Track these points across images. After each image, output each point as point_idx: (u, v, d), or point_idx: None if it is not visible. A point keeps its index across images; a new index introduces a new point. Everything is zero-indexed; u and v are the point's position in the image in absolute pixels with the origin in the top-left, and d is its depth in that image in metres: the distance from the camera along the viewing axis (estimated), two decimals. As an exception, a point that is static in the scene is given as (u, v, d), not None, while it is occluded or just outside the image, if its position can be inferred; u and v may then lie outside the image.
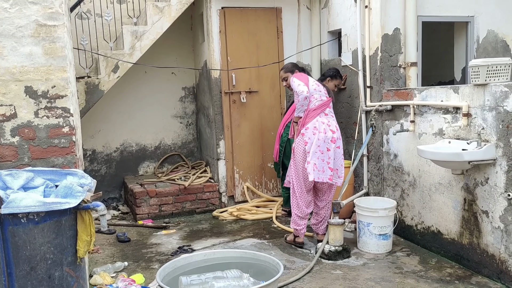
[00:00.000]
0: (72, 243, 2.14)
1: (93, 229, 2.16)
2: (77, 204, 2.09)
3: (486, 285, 3.36)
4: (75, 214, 2.15)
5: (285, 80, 4.59)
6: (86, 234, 2.11)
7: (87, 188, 2.20)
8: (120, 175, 6.21)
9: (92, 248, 2.25)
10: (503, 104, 3.28)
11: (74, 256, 2.15)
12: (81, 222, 2.12)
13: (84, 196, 2.12)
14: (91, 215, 2.15)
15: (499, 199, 3.35)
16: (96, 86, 5.20)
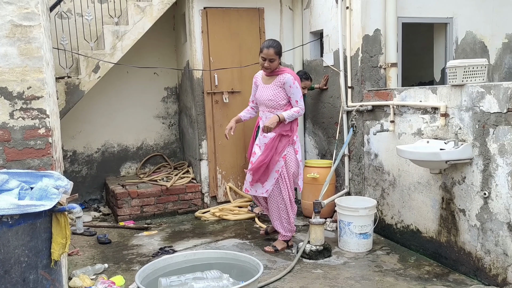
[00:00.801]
0: (47, 246, 2.11)
1: (68, 231, 2.14)
2: (52, 207, 2.06)
3: (463, 282, 3.42)
4: (51, 216, 2.12)
5: (271, 61, 4.02)
6: (62, 236, 2.09)
7: (62, 190, 2.18)
8: (102, 176, 6.16)
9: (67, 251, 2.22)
10: (479, 105, 3.34)
11: (49, 259, 2.13)
12: (57, 224, 2.09)
13: (59, 198, 2.10)
14: (66, 218, 2.13)
15: (476, 198, 3.40)
16: (76, 87, 5.14)
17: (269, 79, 4.15)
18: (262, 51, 4.04)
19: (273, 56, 4.00)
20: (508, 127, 3.12)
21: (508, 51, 5.31)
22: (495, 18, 5.20)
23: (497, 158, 3.22)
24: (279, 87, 4.10)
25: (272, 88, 4.11)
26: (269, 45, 4.01)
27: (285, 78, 4.05)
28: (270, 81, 4.14)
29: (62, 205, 2.10)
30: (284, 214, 4.21)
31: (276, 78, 4.10)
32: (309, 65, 5.74)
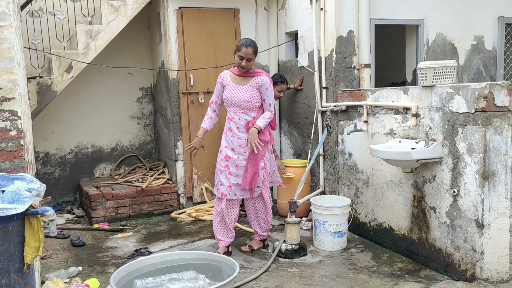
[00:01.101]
0: (20, 250, 2.08)
1: (41, 235, 2.11)
2: (25, 210, 2.04)
3: (434, 278, 3.51)
4: (23, 219, 2.09)
5: (248, 60, 3.93)
6: (35, 240, 2.06)
7: (35, 193, 2.15)
8: (75, 178, 6.07)
9: (41, 254, 2.19)
10: (448, 105, 3.44)
11: (21, 263, 2.10)
12: (29, 228, 2.07)
13: (32, 201, 2.07)
14: (39, 221, 2.11)
15: (445, 196, 3.50)
16: (48, 87, 5.06)
17: (243, 79, 4.02)
18: (240, 50, 3.90)
19: (251, 55, 3.91)
20: (476, 127, 3.22)
21: (477, 52, 5.47)
22: (464, 21, 5.35)
23: (465, 157, 3.32)
24: (255, 89, 3.99)
25: (248, 89, 3.99)
26: (248, 43, 3.91)
27: (263, 80, 3.98)
28: (245, 82, 4.01)
29: (34, 208, 2.07)
30: (263, 213, 4.20)
31: (253, 79, 3.99)
32: (284, 66, 5.79)
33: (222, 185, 4.05)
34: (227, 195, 4.04)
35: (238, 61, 3.94)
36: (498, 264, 3.27)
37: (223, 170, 4.06)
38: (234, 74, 4.08)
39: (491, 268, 3.26)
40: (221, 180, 4.07)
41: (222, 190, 4.06)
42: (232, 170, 4.03)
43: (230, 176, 4.03)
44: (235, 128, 4.03)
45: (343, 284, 3.47)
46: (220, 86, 4.14)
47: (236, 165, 4.02)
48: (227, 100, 4.07)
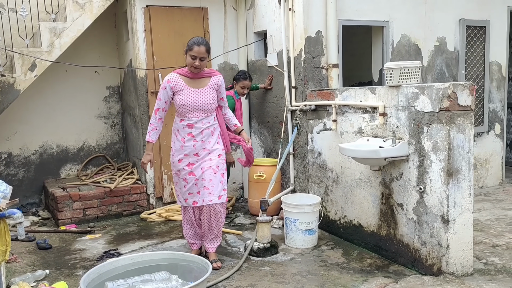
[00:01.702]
0: (-14, 254, 2.02)
1: (8, 238, 2.05)
2: (-9, 213, 1.97)
3: (402, 273, 3.61)
4: (-11, 223, 2.03)
5: (201, 60, 3.68)
6: (1, 243, 2.00)
7: (2, 195, 2.09)
8: (40, 179, 5.90)
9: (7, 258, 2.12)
10: (414, 104, 3.53)
11: (-12, 268, 2.03)
12: (-4, 231, 2.00)
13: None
14: (6, 224, 2.04)
15: (412, 193, 3.60)
16: (11, 86, 4.90)
17: (201, 81, 3.75)
18: (192, 49, 3.62)
19: (204, 54, 3.65)
20: (441, 126, 3.33)
21: (440, 53, 5.64)
22: (427, 22, 5.51)
23: (431, 155, 3.42)
24: (214, 90, 3.81)
25: (209, 91, 3.76)
26: (200, 42, 3.64)
27: (220, 79, 3.84)
28: (204, 83, 3.76)
29: (1, 211, 2.01)
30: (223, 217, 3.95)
31: (211, 80, 3.79)
32: (253, 65, 5.81)
33: (191, 194, 3.79)
34: (198, 202, 3.78)
35: (190, 61, 3.65)
36: (463, 258, 3.39)
37: (188, 178, 3.78)
38: (187, 76, 3.74)
39: (456, 262, 3.37)
40: (188, 189, 3.79)
41: (193, 198, 3.79)
42: (198, 175, 3.75)
43: (197, 182, 3.76)
44: (198, 133, 3.74)
45: (314, 281, 3.52)
46: (169, 91, 3.73)
47: (202, 167, 3.76)
48: (186, 106, 3.70)
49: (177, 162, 3.82)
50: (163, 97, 3.77)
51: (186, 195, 3.84)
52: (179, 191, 3.92)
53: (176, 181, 3.92)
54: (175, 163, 3.84)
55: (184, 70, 3.77)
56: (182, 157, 3.80)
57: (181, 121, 3.78)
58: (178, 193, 3.95)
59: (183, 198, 3.89)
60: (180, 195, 3.92)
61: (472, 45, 5.83)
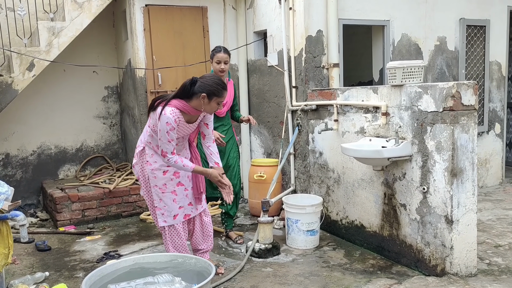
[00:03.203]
0: (-12, 257, 1.98)
1: (11, 240, 2.01)
2: (-7, 215, 1.93)
3: (405, 274, 3.58)
4: (-9, 225, 1.99)
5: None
6: (4, 246, 1.96)
7: (4, 197, 2.05)
8: (38, 180, 5.85)
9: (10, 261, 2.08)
10: (417, 104, 3.51)
11: (-10, 271, 1.99)
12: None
13: (1, 206, 1.97)
14: (9, 226, 2.00)
15: (415, 193, 3.58)
16: (9, 85, 4.85)
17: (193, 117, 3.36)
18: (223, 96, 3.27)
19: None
20: (444, 125, 3.31)
21: (440, 52, 5.63)
22: (428, 22, 5.49)
23: (434, 155, 3.40)
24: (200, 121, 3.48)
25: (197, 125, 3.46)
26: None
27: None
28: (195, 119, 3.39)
29: (3, 213, 1.97)
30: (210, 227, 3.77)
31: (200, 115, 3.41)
32: (253, 65, 5.78)
33: (181, 207, 3.48)
34: (191, 213, 3.55)
35: (215, 108, 3.30)
36: (467, 258, 3.38)
37: (177, 189, 3.46)
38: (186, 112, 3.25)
39: (460, 263, 3.35)
40: (179, 203, 3.47)
41: (184, 212, 3.50)
42: (187, 185, 3.50)
43: (188, 192, 3.51)
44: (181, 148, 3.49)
45: (317, 282, 3.49)
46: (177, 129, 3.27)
47: (188, 175, 3.50)
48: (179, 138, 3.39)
49: (161, 175, 3.41)
50: (174, 136, 3.25)
51: (176, 210, 3.47)
52: (165, 209, 3.45)
53: (160, 198, 3.43)
54: (159, 176, 3.41)
55: (186, 107, 3.23)
56: (167, 168, 3.41)
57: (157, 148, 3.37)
58: (163, 211, 3.45)
59: (171, 216, 3.46)
60: (166, 214, 3.45)
61: (472, 44, 5.82)
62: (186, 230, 3.59)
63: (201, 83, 3.21)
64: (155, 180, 3.42)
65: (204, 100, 3.21)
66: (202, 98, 3.19)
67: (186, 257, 3.19)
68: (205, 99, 3.20)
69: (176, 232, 3.53)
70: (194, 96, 3.21)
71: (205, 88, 3.19)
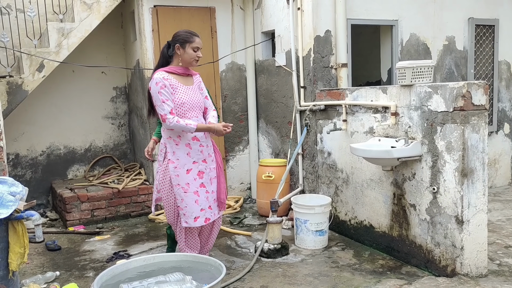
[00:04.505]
0: (4, 256, 2.00)
1: (26, 240, 2.03)
2: (9, 215, 1.95)
3: (415, 274, 3.58)
4: (7, 225, 2.01)
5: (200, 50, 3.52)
6: (19, 245, 1.98)
7: (19, 197, 2.07)
8: (47, 180, 5.89)
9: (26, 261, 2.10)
10: (427, 104, 3.50)
11: (6, 270, 2.01)
12: (14, 233, 1.98)
13: (16, 206, 1.99)
14: (24, 226, 2.02)
15: (425, 193, 3.57)
16: (19, 86, 4.89)
17: (188, 79, 3.43)
18: (194, 40, 3.34)
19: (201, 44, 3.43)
20: (455, 125, 3.30)
21: (448, 52, 5.61)
22: (436, 22, 5.48)
23: (444, 155, 3.39)
24: (198, 87, 3.51)
25: (197, 89, 3.47)
26: (195, 33, 3.43)
27: (199, 78, 3.56)
28: (191, 82, 3.44)
29: (19, 213, 1.99)
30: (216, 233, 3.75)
31: (194, 78, 3.50)
32: (261, 65, 5.78)
33: (203, 210, 3.40)
34: (211, 217, 3.47)
35: (193, 54, 3.35)
36: (477, 259, 3.36)
37: (199, 190, 3.39)
38: (177, 73, 3.35)
39: (470, 263, 3.34)
40: (201, 205, 3.40)
41: (205, 215, 3.42)
42: (208, 188, 3.45)
43: (208, 195, 3.44)
44: (202, 135, 3.42)
45: (327, 283, 3.49)
46: (169, 89, 3.28)
47: (210, 178, 3.48)
48: (186, 104, 3.33)
49: (185, 174, 3.35)
50: (168, 96, 3.25)
51: (198, 212, 3.38)
52: (186, 210, 3.37)
53: (182, 198, 3.35)
54: (183, 175, 3.34)
55: (171, 68, 3.34)
56: (190, 167, 3.37)
57: None
58: (185, 212, 3.37)
59: (192, 218, 3.38)
60: (187, 215, 3.38)
61: (481, 44, 5.80)
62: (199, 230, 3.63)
63: (172, 39, 3.41)
64: (178, 179, 3.36)
65: (180, 51, 3.34)
66: (177, 49, 3.34)
67: (196, 257, 3.20)
68: (179, 49, 3.34)
69: (192, 234, 3.56)
70: (173, 56, 3.38)
71: (176, 40, 3.37)
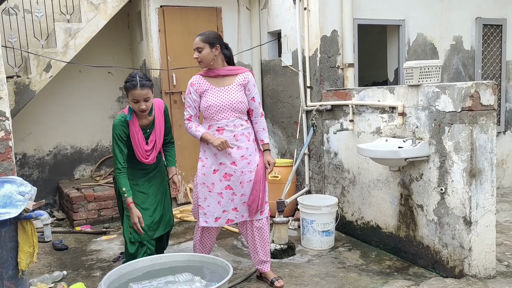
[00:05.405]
0: (13, 256, 2.01)
1: (35, 239, 2.04)
2: (18, 214, 1.96)
3: (422, 275, 3.56)
4: (16, 224, 2.01)
5: (199, 51, 3.34)
6: (29, 245, 1.99)
7: (28, 197, 2.07)
8: (54, 180, 5.91)
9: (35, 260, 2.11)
10: (435, 104, 3.49)
11: (15, 269, 2.02)
12: (23, 233, 1.99)
13: (25, 205, 1.99)
14: (33, 225, 2.03)
15: (433, 194, 3.55)
16: (26, 86, 4.91)
17: (226, 79, 3.40)
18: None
19: (198, 44, 3.33)
20: (463, 125, 3.28)
21: (456, 52, 5.58)
22: (443, 21, 5.45)
23: (452, 155, 3.37)
24: (243, 87, 3.40)
25: (237, 88, 3.37)
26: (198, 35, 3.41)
27: (248, 76, 3.43)
28: (229, 81, 3.39)
29: (28, 212, 2.00)
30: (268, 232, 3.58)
31: (237, 77, 3.40)
32: (267, 65, 5.78)
33: (225, 211, 3.39)
34: (235, 219, 3.42)
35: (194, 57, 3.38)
36: (486, 260, 3.34)
37: (224, 192, 3.37)
38: (209, 76, 3.41)
39: (479, 264, 3.32)
40: (224, 207, 3.38)
41: (227, 216, 3.40)
42: (236, 190, 3.38)
43: (235, 197, 3.39)
44: (232, 137, 3.34)
45: (333, 283, 3.48)
46: (194, 94, 3.37)
47: (241, 182, 3.37)
48: (214, 106, 3.32)
49: (211, 174, 3.37)
50: (190, 102, 3.39)
51: (219, 213, 3.39)
52: (207, 210, 3.38)
53: (206, 197, 3.38)
54: (209, 174, 3.37)
55: (205, 71, 3.43)
56: (217, 167, 3.37)
57: (209, 127, 3.37)
58: (206, 211, 3.39)
59: (212, 218, 3.39)
60: (208, 214, 3.38)
61: (488, 44, 5.76)
62: (217, 232, 3.59)
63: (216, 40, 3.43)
64: (204, 178, 3.39)
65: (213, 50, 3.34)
66: (215, 49, 3.35)
67: (203, 257, 3.21)
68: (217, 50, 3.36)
69: (209, 233, 3.53)
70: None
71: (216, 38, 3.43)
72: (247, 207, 3.42)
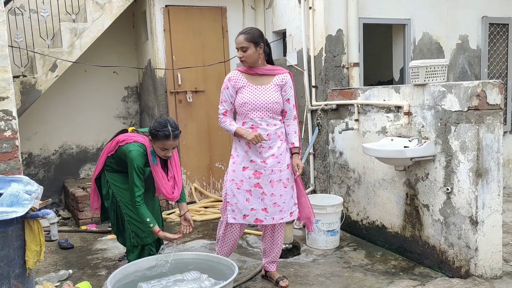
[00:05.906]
0: (20, 254, 2.02)
1: (42, 238, 2.05)
2: (25, 213, 1.97)
3: (428, 275, 3.55)
4: (23, 223, 2.02)
5: (243, 50, 3.23)
6: (36, 244, 2.00)
7: (35, 196, 2.08)
8: (60, 179, 5.94)
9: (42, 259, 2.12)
10: (441, 103, 3.47)
11: (22, 268, 2.03)
12: (30, 231, 2.00)
13: (32, 204, 2.00)
14: (40, 224, 2.04)
15: (439, 193, 3.54)
16: (32, 86, 4.93)
17: (264, 78, 3.32)
18: (235, 41, 3.29)
19: (242, 43, 3.21)
20: (469, 125, 3.26)
21: (462, 51, 5.55)
22: (449, 20, 5.43)
23: (458, 155, 3.36)
24: (279, 88, 3.33)
25: (274, 89, 3.29)
26: (241, 32, 3.31)
27: (286, 77, 3.36)
28: (267, 80, 3.31)
29: (34, 211, 2.01)
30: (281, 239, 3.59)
31: (275, 77, 3.33)
32: (272, 65, 5.76)
33: (254, 210, 3.30)
34: (264, 221, 3.33)
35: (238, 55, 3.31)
36: (492, 260, 3.33)
37: (253, 190, 3.30)
38: (248, 73, 3.32)
39: (485, 264, 3.31)
40: (252, 204, 3.31)
41: (256, 216, 3.32)
42: (266, 189, 3.31)
43: (265, 197, 3.31)
44: (265, 136, 3.26)
45: (339, 283, 3.47)
46: (231, 90, 3.31)
47: (271, 180, 3.31)
48: (250, 104, 3.26)
49: (241, 170, 3.31)
50: (226, 97, 3.32)
51: (248, 211, 3.31)
52: (235, 206, 3.32)
53: (234, 194, 3.32)
54: (238, 171, 3.32)
55: (243, 67, 3.35)
56: (247, 165, 3.31)
57: (244, 123, 3.31)
58: (234, 208, 3.32)
59: (241, 215, 3.32)
60: (237, 211, 3.32)
61: (495, 43, 5.73)
62: (241, 232, 3.50)
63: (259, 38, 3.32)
64: (234, 174, 3.34)
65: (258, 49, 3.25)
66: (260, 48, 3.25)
67: (208, 255, 3.22)
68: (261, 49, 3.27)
69: (233, 230, 3.43)
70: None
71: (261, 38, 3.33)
72: (277, 208, 3.34)
